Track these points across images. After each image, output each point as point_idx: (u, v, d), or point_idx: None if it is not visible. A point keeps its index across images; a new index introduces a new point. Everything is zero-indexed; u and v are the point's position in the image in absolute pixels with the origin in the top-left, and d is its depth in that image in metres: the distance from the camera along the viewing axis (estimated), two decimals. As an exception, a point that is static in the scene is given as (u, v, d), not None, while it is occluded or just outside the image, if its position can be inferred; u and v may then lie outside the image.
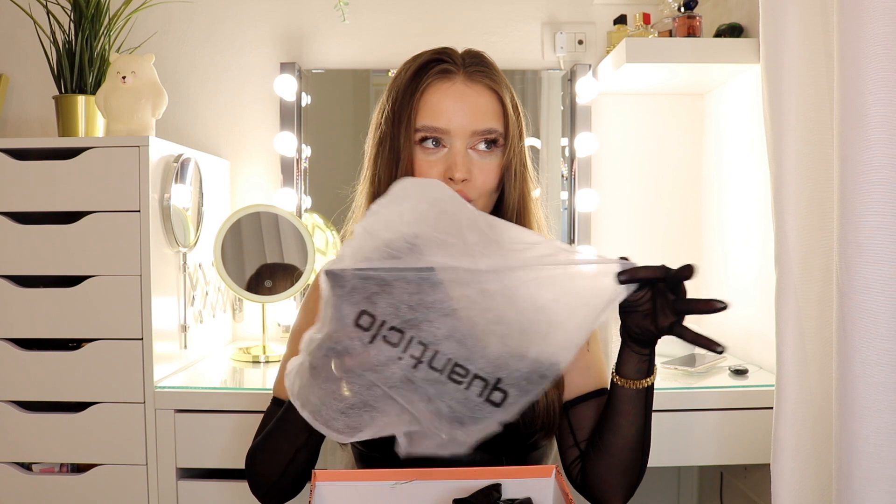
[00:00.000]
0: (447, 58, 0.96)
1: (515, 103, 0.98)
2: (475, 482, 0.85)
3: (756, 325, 1.63)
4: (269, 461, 0.95)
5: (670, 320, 0.78)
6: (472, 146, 0.94)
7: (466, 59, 0.96)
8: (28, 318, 1.44)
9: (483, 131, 0.94)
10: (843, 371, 0.91)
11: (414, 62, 0.97)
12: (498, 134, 0.95)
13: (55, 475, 1.47)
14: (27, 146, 1.46)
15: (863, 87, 0.86)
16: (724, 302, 0.73)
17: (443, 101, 0.93)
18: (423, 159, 0.94)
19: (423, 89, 0.94)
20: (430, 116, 0.93)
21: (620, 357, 0.89)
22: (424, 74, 0.95)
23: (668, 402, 1.41)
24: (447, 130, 0.93)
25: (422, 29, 1.92)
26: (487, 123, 0.94)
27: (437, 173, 0.93)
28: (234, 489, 1.45)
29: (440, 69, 0.94)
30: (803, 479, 1.10)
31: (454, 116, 0.93)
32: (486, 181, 0.95)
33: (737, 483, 1.71)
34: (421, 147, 0.94)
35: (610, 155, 1.93)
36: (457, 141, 0.93)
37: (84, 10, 1.61)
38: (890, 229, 0.86)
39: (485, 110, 0.94)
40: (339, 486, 0.85)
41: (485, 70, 0.96)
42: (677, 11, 1.67)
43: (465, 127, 0.93)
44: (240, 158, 1.94)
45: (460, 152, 0.93)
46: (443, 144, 0.94)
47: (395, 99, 0.96)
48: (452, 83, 0.94)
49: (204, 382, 1.50)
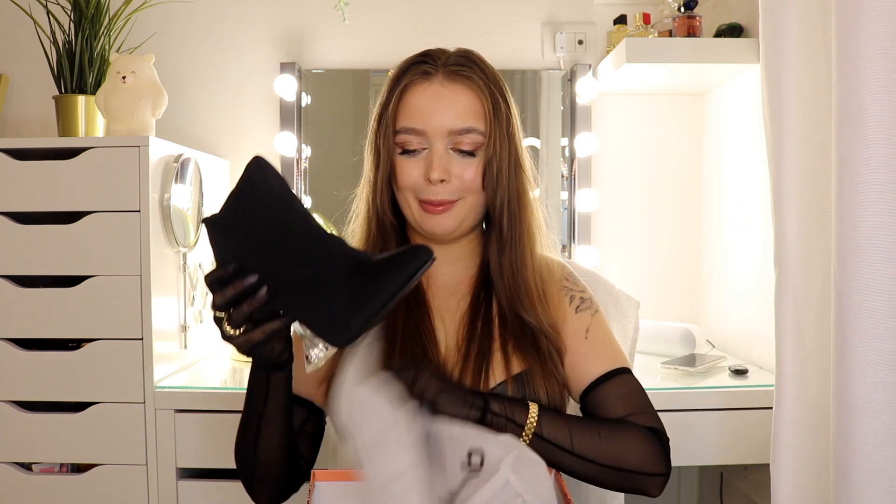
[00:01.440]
0: (430, 59, 0.95)
1: (499, 102, 0.95)
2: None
3: (756, 325, 1.63)
4: (240, 444, 0.94)
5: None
6: (452, 146, 0.94)
7: (450, 59, 0.96)
8: (28, 318, 1.44)
9: (461, 130, 0.93)
10: (841, 371, 0.91)
11: (400, 65, 0.98)
12: (478, 132, 0.94)
13: (55, 475, 1.47)
14: (27, 146, 1.46)
15: (861, 87, 0.86)
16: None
17: (419, 102, 0.93)
18: (403, 162, 0.95)
19: (402, 91, 0.95)
20: (408, 118, 0.93)
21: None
22: (404, 76, 0.95)
23: (668, 402, 1.41)
24: (423, 131, 0.93)
25: (422, 29, 1.92)
26: (465, 122, 0.93)
27: (417, 175, 0.94)
28: (235, 489, 1.45)
29: (420, 70, 0.95)
30: (803, 479, 1.10)
31: (431, 117, 0.92)
32: (468, 181, 0.94)
33: (737, 483, 1.71)
34: (401, 149, 0.95)
35: (610, 155, 1.93)
36: (435, 141, 0.93)
37: (84, 10, 1.61)
38: (888, 229, 0.86)
39: (462, 109, 0.93)
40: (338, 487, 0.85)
41: (464, 69, 0.95)
42: (677, 11, 1.67)
43: (442, 126, 0.92)
44: (240, 158, 1.94)
45: (438, 152, 0.93)
46: (422, 146, 0.94)
47: (381, 102, 0.97)
48: (430, 83, 0.94)
49: (204, 382, 1.50)
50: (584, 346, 0.98)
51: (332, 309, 0.75)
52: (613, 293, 1.24)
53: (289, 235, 0.76)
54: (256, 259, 0.77)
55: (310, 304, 0.76)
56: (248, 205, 0.76)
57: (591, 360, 0.97)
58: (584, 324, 0.99)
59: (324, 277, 0.75)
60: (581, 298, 1.01)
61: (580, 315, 0.99)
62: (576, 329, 0.98)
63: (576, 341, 0.98)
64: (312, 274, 0.75)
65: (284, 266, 0.76)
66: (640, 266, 1.94)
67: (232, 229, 0.78)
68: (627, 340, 1.22)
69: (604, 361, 0.97)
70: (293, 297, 0.77)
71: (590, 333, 0.99)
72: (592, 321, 1.00)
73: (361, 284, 0.74)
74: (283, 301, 0.77)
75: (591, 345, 0.98)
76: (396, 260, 0.75)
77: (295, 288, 0.76)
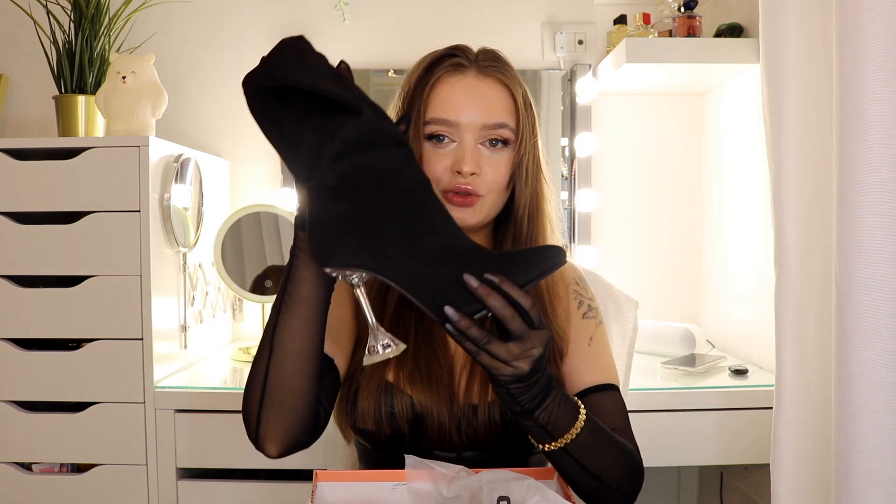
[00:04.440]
0: (460, 53, 0.95)
1: (528, 101, 0.98)
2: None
3: (756, 325, 1.63)
4: (254, 369, 0.81)
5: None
6: (482, 141, 0.93)
7: (480, 55, 0.96)
8: (28, 318, 1.44)
9: (494, 125, 0.93)
10: (841, 371, 0.91)
11: (427, 58, 0.97)
12: (509, 129, 0.94)
13: (55, 475, 1.47)
14: (27, 146, 1.46)
15: (861, 87, 0.86)
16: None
17: (453, 94, 0.93)
18: (431, 152, 0.93)
19: (434, 82, 0.94)
20: (440, 109, 0.93)
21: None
22: (436, 68, 0.95)
23: (668, 402, 1.41)
24: (456, 123, 0.92)
25: (421, 29, 1.92)
26: (498, 118, 0.93)
27: (444, 167, 0.93)
28: (235, 489, 1.45)
29: (452, 63, 0.94)
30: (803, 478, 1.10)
31: (464, 109, 0.92)
32: (497, 177, 0.94)
33: (737, 483, 1.71)
34: (430, 140, 0.94)
35: (610, 155, 1.93)
36: (466, 134, 0.92)
37: (84, 10, 1.61)
38: (889, 229, 0.86)
39: (496, 105, 0.94)
40: (340, 487, 0.85)
41: (497, 65, 0.96)
42: (677, 11, 1.67)
43: (475, 120, 0.92)
44: (240, 158, 1.94)
45: (469, 146, 0.92)
46: (452, 138, 0.93)
47: (407, 93, 0.96)
48: (463, 76, 0.94)
49: (204, 382, 1.50)
50: (585, 352, 0.98)
51: (447, 285, 0.71)
52: (613, 293, 1.24)
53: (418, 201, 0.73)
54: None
55: (426, 275, 0.71)
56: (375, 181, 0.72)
57: (590, 368, 0.97)
58: (589, 332, 0.99)
59: (455, 251, 0.72)
60: (589, 306, 1.02)
61: (586, 322, 1.00)
62: (580, 334, 0.99)
63: (578, 346, 0.98)
64: (444, 246, 0.72)
65: (409, 232, 0.72)
66: (640, 266, 1.94)
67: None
68: (626, 340, 1.22)
69: (599, 373, 0.97)
70: (406, 263, 0.71)
71: (593, 342, 0.99)
72: (596, 331, 1.00)
73: (493, 269, 0.71)
74: (392, 265, 0.71)
75: (592, 354, 0.98)
76: (531, 254, 0.74)
77: (415, 254, 0.71)
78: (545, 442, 0.81)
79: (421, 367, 0.94)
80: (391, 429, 0.92)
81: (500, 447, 0.94)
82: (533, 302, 0.72)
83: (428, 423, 0.92)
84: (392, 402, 0.92)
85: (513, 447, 0.96)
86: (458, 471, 0.84)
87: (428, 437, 0.93)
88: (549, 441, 0.80)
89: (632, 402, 1.26)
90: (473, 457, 0.94)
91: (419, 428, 0.93)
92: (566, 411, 0.80)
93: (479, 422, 0.93)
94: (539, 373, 0.76)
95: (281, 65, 0.73)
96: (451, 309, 0.70)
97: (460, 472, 0.84)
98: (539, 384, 0.76)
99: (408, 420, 0.92)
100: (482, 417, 0.93)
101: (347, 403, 0.94)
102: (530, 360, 0.73)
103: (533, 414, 0.78)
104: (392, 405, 0.92)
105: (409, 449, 0.92)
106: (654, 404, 1.41)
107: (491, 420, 0.93)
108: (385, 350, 0.74)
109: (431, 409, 0.92)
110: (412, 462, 0.85)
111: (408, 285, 0.71)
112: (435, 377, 0.94)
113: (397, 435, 0.93)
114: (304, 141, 0.71)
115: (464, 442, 0.93)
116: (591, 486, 0.84)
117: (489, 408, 0.93)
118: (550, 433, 0.80)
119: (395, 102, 0.99)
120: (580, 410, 0.82)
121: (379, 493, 0.85)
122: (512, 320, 0.72)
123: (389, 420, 0.92)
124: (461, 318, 0.70)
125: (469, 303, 0.71)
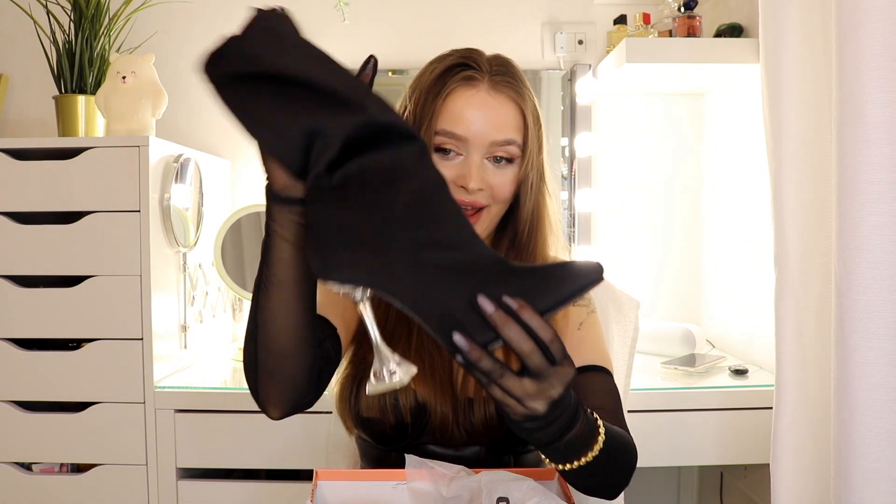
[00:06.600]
0: (473, 63, 0.95)
1: (537, 114, 0.98)
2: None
3: (756, 325, 1.63)
4: (249, 332, 0.81)
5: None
6: (488, 156, 0.94)
7: (493, 67, 0.95)
8: (28, 318, 1.44)
9: (502, 142, 0.93)
10: (841, 371, 0.91)
11: (439, 63, 0.96)
12: (516, 146, 0.94)
13: (55, 475, 1.47)
14: (27, 146, 1.46)
15: (861, 88, 0.86)
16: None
17: (465, 109, 0.93)
18: (437, 163, 0.93)
19: (447, 94, 0.93)
20: (450, 122, 0.93)
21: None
22: (449, 78, 0.94)
23: (668, 402, 1.41)
24: (465, 138, 0.92)
25: (422, 29, 1.92)
26: (507, 134, 0.93)
27: (448, 179, 0.92)
28: (235, 489, 1.45)
29: (465, 75, 0.94)
30: (803, 478, 1.10)
31: (474, 125, 0.92)
32: (502, 192, 0.95)
33: (737, 483, 1.71)
34: (436, 153, 0.94)
35: (610, 155, 1.93)
36: (474, 150, 0.93)
37: (84, 10, 1.61)
38: (889, 229, 0.86)
39: (505, 121, 0.94)
40: (340, 486, 0.85)
41: (510, 81, 0.95)
42: (677, 11, 1.67)
43: (484, 136, 0.92)
44: (240, 158, 1.94)
45: (476, 162, 0.93)
46: (458, 152, 0.93)
47: (418, 99, 0.96)
48: (476, 91, 0.94)
49: (204, 382, 1.50)
50: (574, 335, 0.97)
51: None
52: (614, 293, 1.24)
53: (436, 207, 0.65)
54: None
55: (435, 295, 0.63)
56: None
57: (578, 350, 0.94)
58: (580, 318, 1.00)
59: (470, 266, 0.63)
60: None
61: (577, 309, 1.00)
62: (570, 320, 0.99)
63: (567, 330, 0.98)
64: (459, 260, 0.63)
65: (419, 244, 0.64)
66: (640, 266, 1.94)
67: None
68: (627, 340, 1.22)
69: (590, 355, 0.95)
70: (414, 284, 0.63)
71: (583, 327, 0.99)
72: (588, 318, 1.00)
73: (514, 290, 0.62)
74: (402, 287, 0.64)
75: (581, 337, 0.97)
76: (563, 270, 0.64)
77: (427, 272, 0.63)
78: (559, 464, 0.76)
79: (424, 359, 0.95)
80: (395, 416, 0.93)
81: (498, 442, 0.95)
82: (555, 335, 0.64)
83: (431, 415, 0.93)
84: (396, 392, 0.93)
85: (510, 442, 0.96)
86: (457, 471, 0.84)
87: (430, 429, 0.94)
88: (563, 463, 0.75)
89: (632, 402, 1.26)
90: (473, 455, 0.95)
91: (422, 418, 0.94)
92: (586, 439, 0.74)
93: (476, 416, 0.93)
94: (560, 410, 0.68)
95: (264, 47, 0.65)
96: (460, 336, 0.62)
97: (460, 472, 0.84)
98: (559, 422, 0.69)
99: (411, 409, 0.93)
100: (478, 411, 0.93)
101: (351, 393, 0.95)
102: (547, 401, 0.66)
103: (549, 447, 0.72)
104: (395, 396, 0.93)
105: (410, 442, 0.93)
106: (654, 404, 1.41)
107: (487, 414, 0.93)
108: (392, 377, 0.66)
109: (434, 401, 0.93)
110: (412, 462, 0.85)
111: (413, 305, 0.63)
112: (436, 370, 0.95)
113: (401, 424, 0.94)
114: (300, 133, 0.66)
115: (463, 436, 0.94)
116: (593, 485, 0.84)
117: (484, 402, 0.94)
118: (566, 458, 0.74)
119: (404, 104, 0.98)
120: (599, 431, 0.76)
121: (379, 492, 0.85)
122: (530, 356, 0.63)
123: (394, 408, 0.93)
124: (472, 349, 0.62)
125: (482, 331, 0.62)
